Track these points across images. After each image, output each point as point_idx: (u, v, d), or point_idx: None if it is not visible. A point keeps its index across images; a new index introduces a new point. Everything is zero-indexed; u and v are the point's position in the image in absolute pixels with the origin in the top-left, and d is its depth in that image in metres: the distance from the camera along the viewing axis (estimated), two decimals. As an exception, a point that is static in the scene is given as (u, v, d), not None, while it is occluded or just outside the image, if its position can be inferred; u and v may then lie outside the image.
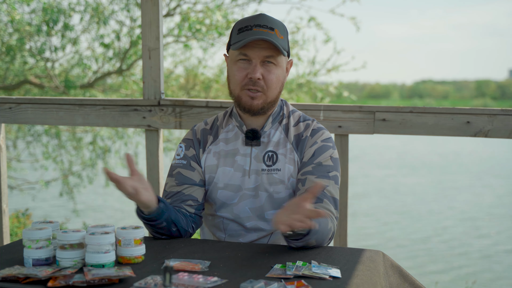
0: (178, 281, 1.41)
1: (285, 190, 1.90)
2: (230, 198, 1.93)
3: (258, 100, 1.86)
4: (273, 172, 1.90)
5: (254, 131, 1.91)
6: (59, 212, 9.13)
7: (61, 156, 7.77)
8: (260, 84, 1.84)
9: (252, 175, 1.91)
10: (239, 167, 1.92)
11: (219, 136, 1.98)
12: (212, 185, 1.95)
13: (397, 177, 13.21)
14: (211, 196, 1.96)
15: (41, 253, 1.57)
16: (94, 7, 6.54)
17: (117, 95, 7.37)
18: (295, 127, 1.96)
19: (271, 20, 1.86)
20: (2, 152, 2.93)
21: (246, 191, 1.91)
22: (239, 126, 1.95)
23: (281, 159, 1.91)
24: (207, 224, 2.03)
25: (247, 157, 1.93)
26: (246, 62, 1.85)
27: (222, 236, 1.96)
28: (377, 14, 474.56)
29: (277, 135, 1.94)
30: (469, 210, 9.95)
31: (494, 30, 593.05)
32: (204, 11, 6.54)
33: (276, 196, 1.90)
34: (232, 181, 1.92)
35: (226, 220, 1.95)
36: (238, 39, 1.84)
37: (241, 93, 1.87)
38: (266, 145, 1.93)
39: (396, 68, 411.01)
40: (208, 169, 1.96)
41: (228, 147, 1.95)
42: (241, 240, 1.93)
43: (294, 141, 1.93)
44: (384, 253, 1.74)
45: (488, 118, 2.41)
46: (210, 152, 1.97)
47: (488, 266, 6.90)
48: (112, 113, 2.75)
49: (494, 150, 18.61)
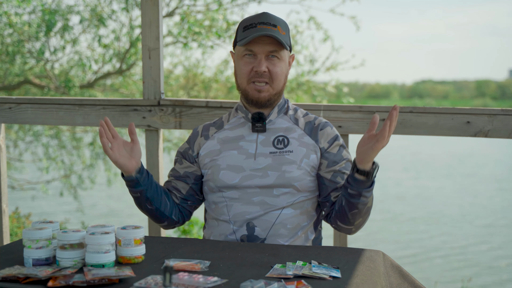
0: (178, 281, 1.41)
1: (297, 170, 1.96)
2: (231, 179, 1.97)
3: (264, 92, 1.97)
4: (285, 154, 1.98)
5: (260, 113, 2.00)
6: (59, 212, 9.13)
7: (62, 156, 7.77)
8: (266, 76, 1.96)
9: (259, 157, 1.97)
10: (243, 151, 1.99)
11: (225, 126, 2.08)
12: (215, 167, 2.00)
13: (399, 177, 13.22)
14: (213, 178, 2.00)
15: (41, 253, 1.57)
16: (92, 7, 6.54)
17: (117, 95, 7.37)
18: (304, 117, 2.07)
19: (274, 18, 1.98)
20: (2, 152, 2.92)
21: (252, 171, 1.96)
22: (245, 116, 2.04)
23: (293, 142, 1.99)
24: (211, 214, 2.05)
25: (252, 143, 2.00)
26: (251, 57, 1.97)
27: (227, 218, 1.97)
28: (377, 14, 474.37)
29: (285, 123, 2.04)
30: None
31: (494, 30, 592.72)
32: (204, 12, 6.54)
33: (288, 175, 1.95)
34: (234, 162, 1.98)
35: (230, 202, 1.97)
36: (244, 36, 1.95)
37: (248, 87, 1.98)
38: (275, 131, 2.01)
39: (396, 68, 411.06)
40: (209, 154, 2.03)
41: (233, 133, 2.04)
42: (247, 216, 1.94)
43: (307, 127, 2.03)
44: (384, 253, 1.74)
45: (488, 118, 2.41)
46: (214, 138, 2.06)
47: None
48: (112, 113, 2.75)
49: (495, 150, 18.62)
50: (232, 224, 1.96)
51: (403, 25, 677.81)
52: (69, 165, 7.79)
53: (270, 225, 1.93)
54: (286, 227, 1.94)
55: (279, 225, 1.94)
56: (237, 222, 1.95)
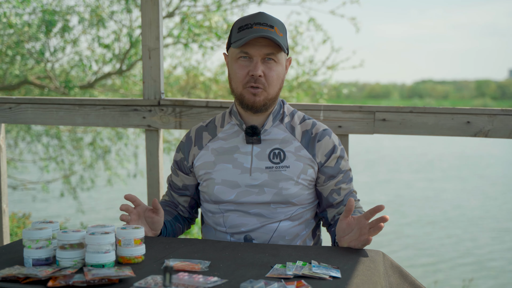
0: (178, 281, 1.41)
1: (294, 186, 1.90)
2: (227, 195, 1.92)
3: (260, 96, 1.87)
4: (282, 169, 1.90)
5: (254, 127, 1.92)
6: (59, 212, 9.13)
7: (62, 156, 7.77)
8: (262, 81, 1.86)
9: (255, 172, 1.91)
10: (238, 165, 1.92)
11: (218, 134, 1.99)
12: (209, 181, 1.95)
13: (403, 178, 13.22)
14: (208, 192, 1.96)
15: (41, 253, 1.57)
16: (93, 8, 6.54)
17: (117, 96, 7.37)
18: (301, 124, 1.97)
19: (271, 18, 1.87)
20: (2, 152, 2.93)
21: (248, 188, 1.91)
22: (239, 124, 1.96)
23: (289, 156, 1.91)
24: (207, 220, 2.03)
25: (247, 155, 1.92)
26: (247, 60, 1.87)
27: (223, 229, 1.95)
28: (377, 14, 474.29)
29: (280, 133, 1.94)
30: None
31: (494, 30, 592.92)
32: (204, 12, 6.54)
33: (285, 192, 1.90)
34: (229, 177, 1.92)
35: (226, 213, 1.94)
36: (239, 37, 1.85)
37: (243, 91, 1.88)
38: (270, 143, 1.93)
39: (396, 68, 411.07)
40: (204, 166, 1.97)
41: (227, 144, 1.96)
42: (243, 229, 1.92)
43: (303, 139, 1.94)
44: (384, 253, 1.74)
45: (488, 118, 2.41)
46: (208, 149, 1.98)
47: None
48: (112, 113, 2.75)
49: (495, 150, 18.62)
50: (229, 236, 1.94)
51: (403, 25, 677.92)
52: (68, 165, 7.79)
53: (268, 238, 1.91)
54: (284, 238, 1.92)
55: (277, 238, 1.91)
56: (234, 234, 1.93)
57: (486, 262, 7.09)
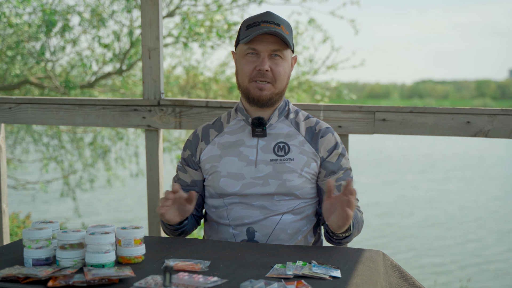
0: (178, 281, 1.41)
1: (297, 178, 1.94)
2: (232, 187, 1.95)
3: (266, 91, 1.94)
4: (286, 162, 1.95)
5: (260, 118, 1.97)
6: (59, 212, 9.13)
7: (62, 156, 7.77)
8: (269, 76, 1.93)
9: (260, 164, 1.95)
10: (244, 158, 1.97)
11: (224, 129, 2.05)
12: (215, 174, 1.99)
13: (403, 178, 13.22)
14: (213, 185, 1.99)
15: (41, 253, 1.57)
16: (93, 8, 6.54)
17: (117, 95, 7.37)
18: (305, 121, 2.03)
19: (277, 17, 1.96)
20: (2, 152, 2.92)
21: (252, 179, 1.94)
22: (245, 119, 2.01)
23: (293, 149, 1.97)
24: (211, 215, 2.04)
25: (253, 148, 1.97)
26: (254, 56, 1.94)
27: (226, 222, 1.97)
28: (376, 14, 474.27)
29: (285, 127, 2.00)
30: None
31: (494, 30, 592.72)
32: (204, 12, 6.54)
33: (289, 184, 1.94)
34: (235, 169, 1.96)
35: (230, 206, 1.97)
36: (247, 34, 1.93)
37: (249, 85, 1.95)
38: (275, 137, 1.98)
39: (396, 68, 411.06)
40: (210, 159, 2.01)
41: (233, 138, 2.01)
42: (246, 221, 1.94)
43: (307, 134, 2.00)
44: (384, 253, 1.74)
45: (488, 118, 2.41)
46: (214, 144, 2.03)
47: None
48: (112, 113, 2.75)
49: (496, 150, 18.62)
50: (232, 228, 1.96)
51: (403, 25, 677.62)
52: (68, 165, 7.79)
53: (270, 230, 1.93)
54: (286, 232, 1.94)
55: (279, 231, 1.93)
56: (237, 226, 1.95)
57: (488, 264, 7.08)
